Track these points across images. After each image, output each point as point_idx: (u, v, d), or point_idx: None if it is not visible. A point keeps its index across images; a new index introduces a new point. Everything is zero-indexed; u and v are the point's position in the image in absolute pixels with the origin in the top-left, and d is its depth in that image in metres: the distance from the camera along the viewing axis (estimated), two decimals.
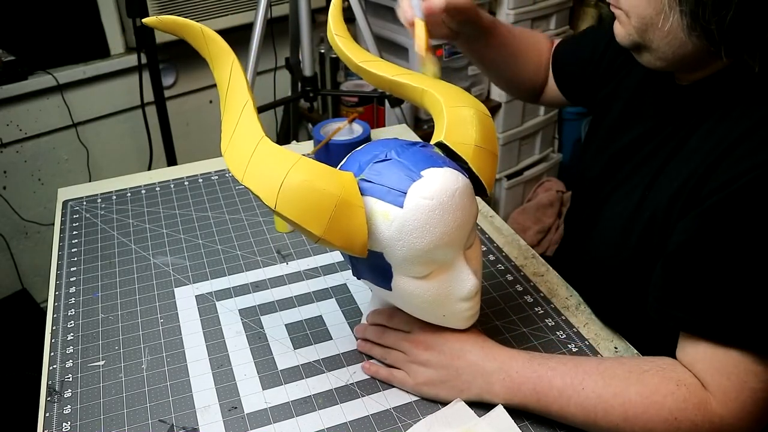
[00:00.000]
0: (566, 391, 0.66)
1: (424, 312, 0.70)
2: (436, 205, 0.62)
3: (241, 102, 0.67)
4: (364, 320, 0.81)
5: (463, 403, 0.70)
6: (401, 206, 0.62)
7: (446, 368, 0.70)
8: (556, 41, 1.05)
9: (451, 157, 0.68)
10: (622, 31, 0.72)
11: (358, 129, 1.20)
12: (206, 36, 0.70)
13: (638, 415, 0.64)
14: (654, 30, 0.67)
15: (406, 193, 0.62)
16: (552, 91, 1.05)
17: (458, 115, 0.70)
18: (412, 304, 0.69)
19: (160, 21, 0.69)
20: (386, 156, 0.65)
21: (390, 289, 0.67)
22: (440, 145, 0.69)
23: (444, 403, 0.71)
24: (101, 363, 0.78)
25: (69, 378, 0.76)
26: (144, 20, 0.71)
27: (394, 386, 0.74)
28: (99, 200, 1.09)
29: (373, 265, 0.66)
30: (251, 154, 0.63)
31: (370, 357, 0.77)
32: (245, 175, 0.63)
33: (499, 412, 0.69)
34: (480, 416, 0.69)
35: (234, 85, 0.68)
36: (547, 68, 1.05)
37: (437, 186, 0.62)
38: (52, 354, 0.79)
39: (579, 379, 0.67)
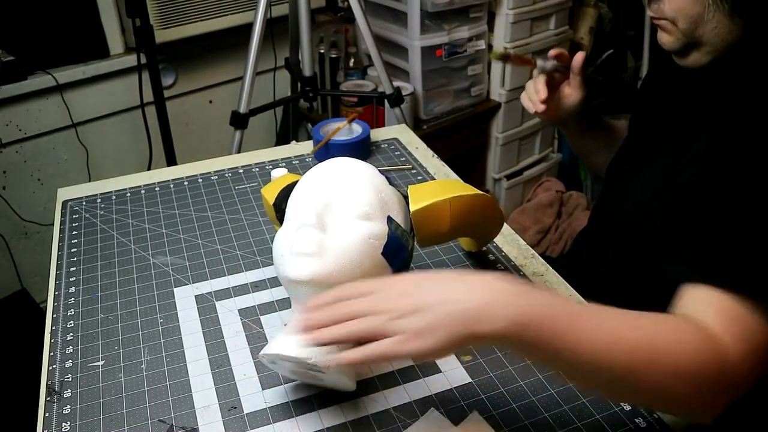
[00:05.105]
0: (585, 311, 0.60)
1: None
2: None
3: None
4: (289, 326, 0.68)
5: (438, 413, 0.70)
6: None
7: (439, 305, 0.58)
8: None
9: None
10: (669, 38, 0.78)
11: (357, 129, 1.20)
12: None
13: (659, 334, 0.60)
14: (703, 25, 0.74)
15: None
16: None
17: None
18: None
19: None
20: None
21: None
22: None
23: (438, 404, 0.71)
24: (101, 363, 0.78)
25: (68, 378, 0.76)
26: None
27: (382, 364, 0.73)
28: (99, 200, 1.09)
29: None
30: None
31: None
32: None
33: (475, 417, 0.69)
34: (456, 424, 0.68)
35: None
36: None
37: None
38: (52, 354, 0.79)
39: (596, 307, 0.61)
